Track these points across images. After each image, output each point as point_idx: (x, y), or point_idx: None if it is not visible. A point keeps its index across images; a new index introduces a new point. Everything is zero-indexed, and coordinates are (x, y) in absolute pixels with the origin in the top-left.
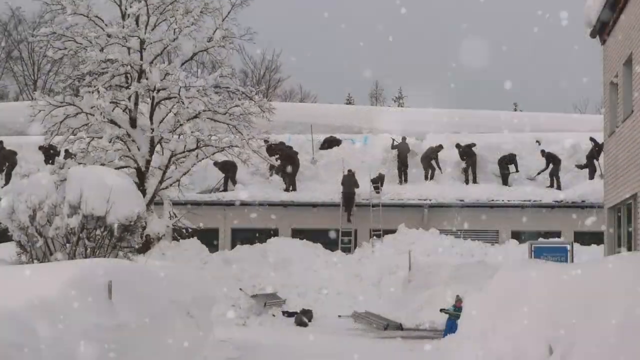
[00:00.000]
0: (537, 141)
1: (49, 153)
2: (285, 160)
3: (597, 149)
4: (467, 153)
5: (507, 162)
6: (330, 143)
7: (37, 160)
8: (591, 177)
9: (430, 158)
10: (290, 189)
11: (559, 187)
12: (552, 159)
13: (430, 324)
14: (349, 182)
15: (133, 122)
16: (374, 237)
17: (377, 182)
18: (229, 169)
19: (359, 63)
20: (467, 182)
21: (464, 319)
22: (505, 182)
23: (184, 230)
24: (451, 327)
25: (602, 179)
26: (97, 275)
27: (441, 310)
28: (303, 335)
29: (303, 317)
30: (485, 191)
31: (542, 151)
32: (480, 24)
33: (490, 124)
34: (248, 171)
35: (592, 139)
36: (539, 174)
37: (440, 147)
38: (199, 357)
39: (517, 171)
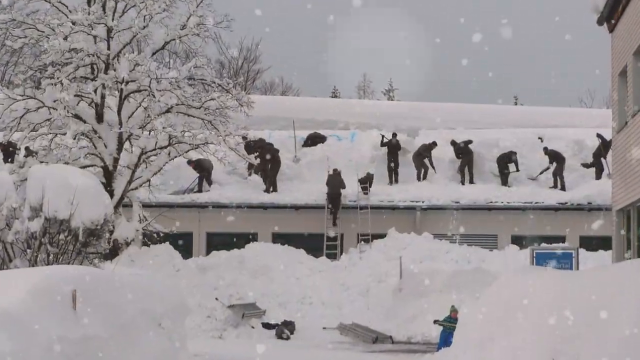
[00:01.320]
0: (539, 138)
1: (8, 151)
2: (265, 159)
3: (604, 146)
4: (463, 151)
5: (506, 160)
6: (314, 140)
7: None
8: (598, 176)
9: (423, 156)
10: (271, 189)
11: (563, 188)
12: (555, 157)
13: (423, 336)
14: (335, 182)
15: (99, 117)
16: (362, 242)
17: (366, 182)
18: (203, 168)
19: (346, 53)
20: (463, 182)
21: (460, 331)
22: (504, 182)
23: (155, 235)
24: (446, 339)
25: (610, 179)
26: (61, 284)
27: (435, 321)
28: (284, 349)
29: (284, 329)
30: (483, 192)
31: (545, 149)
32: (476, 11)
33: (489, 120)
34: (225, 170)
35: (599, 135)
36: (541, 173)
37: (434, 144)
38: None
39: (517, 170)
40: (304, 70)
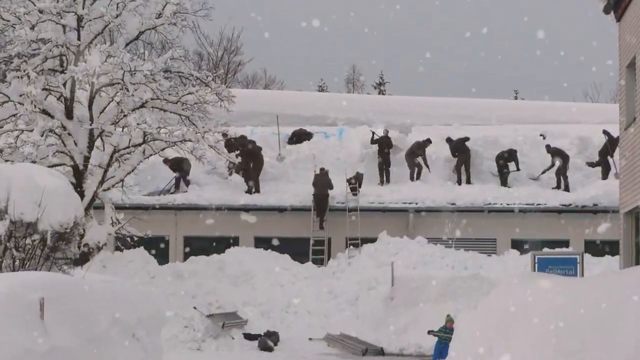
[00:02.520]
0: (541, 135)
1: None
2: (247, 157)
3: (611, 144)
4: (459, 149)
5: (506, 159)
6: (300, 137)
7: None
8: (604, 176)
9: (417, 154)
10: (253, 190)
11: (566, 188)
12: (558, 156)
13: (416, 348)
14: (322, 182)
15: (69, 113)
16: (351, 247)
17: (355, 182)
18: (181, 168)
19: (334, 44)
20: (459, 182)
21: (456, 342)
22: (504, 182)
23: (128, 239)
24: (441, 351)
25: (618, 179)
26: (27, 291)
27: (429, 332)
28: None
29: (268, 341)
30: (481, 193)
31: (547, 146)
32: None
33: (487, 115)
34: (203, 170)
35: (605, 132)
36: (543, 172)
37: (428, 141)
38: None
39: (517, 170)
40: (288, 62)
